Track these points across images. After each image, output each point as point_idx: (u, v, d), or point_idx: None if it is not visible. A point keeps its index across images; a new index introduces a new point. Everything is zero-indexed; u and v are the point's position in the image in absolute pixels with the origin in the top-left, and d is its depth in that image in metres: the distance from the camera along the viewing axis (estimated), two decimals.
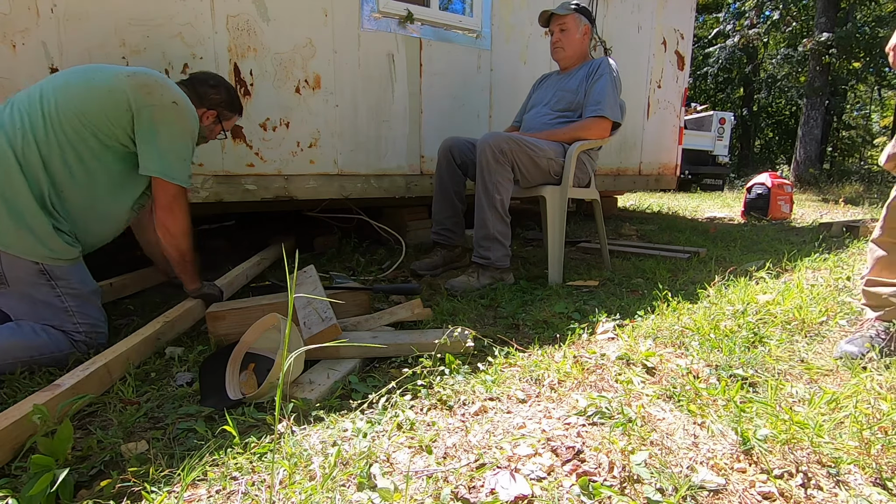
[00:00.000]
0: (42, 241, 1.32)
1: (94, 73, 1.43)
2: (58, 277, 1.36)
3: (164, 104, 1.42)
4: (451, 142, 2.34)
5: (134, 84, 1.40)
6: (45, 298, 1.35)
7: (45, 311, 1.36)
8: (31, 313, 1.36)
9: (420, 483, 0.83)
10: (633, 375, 1.20)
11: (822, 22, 10.42)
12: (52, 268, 1.34)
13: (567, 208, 2.23)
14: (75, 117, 1.35)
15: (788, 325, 1.57)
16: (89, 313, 1.42)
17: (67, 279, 1.38)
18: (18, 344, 1.30)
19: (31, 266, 1.32)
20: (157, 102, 1.41)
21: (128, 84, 1.39)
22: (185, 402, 1.17)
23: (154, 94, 1.41)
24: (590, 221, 4.04)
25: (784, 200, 4.82)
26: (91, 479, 0.89)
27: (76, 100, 1.37)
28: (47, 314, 1.36)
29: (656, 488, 0.81)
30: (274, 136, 2.29)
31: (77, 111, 1.35)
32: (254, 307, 1.52)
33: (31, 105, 1.35)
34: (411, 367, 1.25)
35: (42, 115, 1.34)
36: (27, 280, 1.32)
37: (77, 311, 1.39)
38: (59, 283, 1.36)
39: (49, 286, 1.35)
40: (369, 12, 2.46)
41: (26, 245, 1.30)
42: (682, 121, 4.20)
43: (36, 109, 1.35)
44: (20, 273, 1.31)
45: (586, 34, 2.40)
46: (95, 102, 1.37)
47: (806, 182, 10.30)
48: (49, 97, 1.36)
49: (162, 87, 1.44)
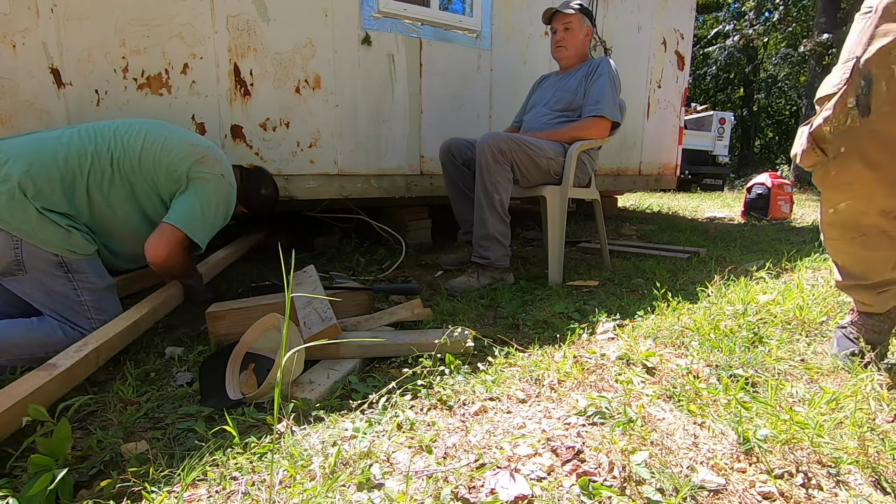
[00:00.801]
0: (63, 236, 1.36)
1: (169, 133, 1.55)
2: (75, 270, 1.38)
3: (213, 173, 1.54)
4: (450, 143, 2.34)
5: (196, 154, 1.52)
6: (61, 290, 1.37)
7: (60, 302, 1.38)
8: (46, 301, 1.38)
9: (420, 483, 0.83)
10: (633, 375, 1.20)
11: (821, 22, 10.42)
12: (70, 260, 1.37)
13: (567, 208, 2.23)
14: (138, 162, 1.47)
15: (789, 325, 1.57)
16: (104, 308, 1.44)
17: (85, 272, 1.41)
18: (35, 340, 1.33)
19: (51, 257, 1.35)
20: (206, 171, 1.53)
21: (190, 153, 1.51)
22: (185, 402, 1.17)
23: (207, 164, 1.53)
24: (590, 221, 4.04)
25: (784, 200, 4.82)
26: (91, 479, 0.89)
27: (143, 150, 1.48)
28: (62, 306, 1.38)
29: (656, 488, 0.81)
30: (274, 136, 2.29)
31: (140, 159, 1.47)
32: (254, 307, 1.52)
33: (100, 135, 1.47)
34: (411, 367, 1.25)
35: (109, 149, 1.45)
36: (45, 270, 1.35)
37: (92, 305, 1.41)
38: (76, 277, 1.39)
39: (66, 278, 1.37)
40: (369, 12, 2.46)
41: (47, 237, 1.34)
42: (682, 121, 4.20)
43: (103, 143, 1.45)
44: (39, 263, 1.34)
45: (588, 35, 2.41)
46: (162, 156, 1.49)
47: (806, 182, 10.30)
48: (121, 137, 1.48)
49: (218, 161, 1.56)
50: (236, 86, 2.16)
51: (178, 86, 2.03)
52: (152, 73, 1.98)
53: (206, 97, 2.10)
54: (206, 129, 2.12)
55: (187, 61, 2.03)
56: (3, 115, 1.74)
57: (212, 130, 2.13)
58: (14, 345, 1.31)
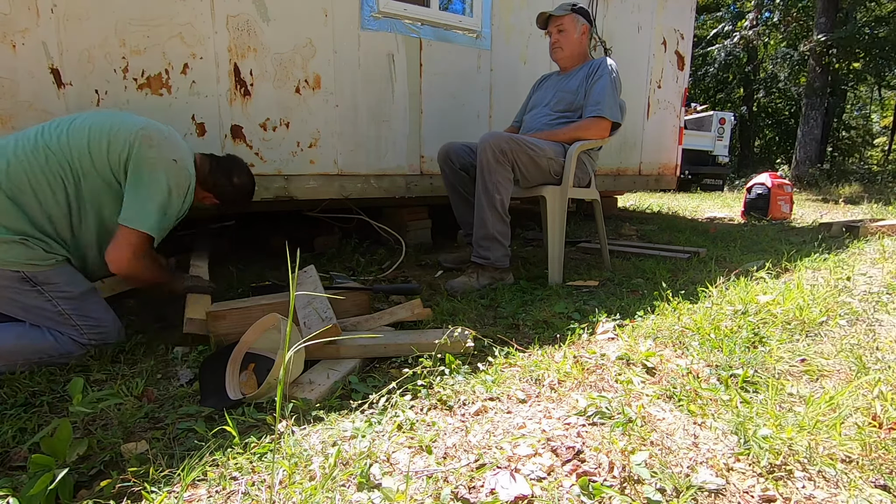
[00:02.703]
0: (18, 252, 1.30)
1: (119, 118, 1.47)
2: (42, 283, 1.33)
3: (161, 157, 1.43)
4: (447, 147, 2.35)
5: (142, 134, 1.42)
6: (36, 304, 1.34)
7: (39, 314, 1.35)
8: (26, 316, 1.36)
9: (420, 483, 0.83)
10: (633, 375, 1.20)
11: (821, 22, 10.42)
12: (33, 274, 1.32)
13: (567, 208, 2.23)
14: (77, 151, 1.37)
15: (789, 325, 1.57)
16: (88, 314, 1.40)
17: (54, 283, 1.35)
18: (27, 346, 1.32)
19: (12, 274, 1.30)
20: (154, 155, 1.42)
21: (136, 133, 1.42)
22: (185, 402, 1.17)
23: (154, 146, 1.43)
24: (590, 221, 4.04)
25: (784, 200, 4.82)
26: (91, 479, 0.89)
27: (86, 137, 1.39)
28: (42, 318, 1.36)
29: (656, 488, 0.81)
30: (274, 136, 2.29)
31: (83, 146, 1.38)
32: (254, 307, 1.52)
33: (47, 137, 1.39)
34: (411, 367, 1.25)
35: (49, 150, 1.36)
36: (12, 287, 1.31)
37: (73, 313, 1.37)
38: (46, 288, 1.34)
39: (36, 292, 1.33)
40: (369, 12, 2.46)
41: (3, 255, 1.28)
42: (682, 121, 4.19)
43: (46, 147, 1.37)
44: (3, 282, 1.30)
45: (584, 34, 2.40)
46: (104, 142, 1.40)
47: (806, 182, 10.30)
48: (65, 131, 1.39)
49: (168, 142, 1.46)
50: (236, 86, 2.16)
51: (178, 86, 2.03)
52: (152, 73, 1.98)
53: (206, 97, 2.10)
54: (206, 129, 2.12)
55: (187, 61, 2.03)
56: (3, 116, 1.74)
57: (212, 130, 2.13)
58: (7, 351, 1.30)
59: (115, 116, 1.48)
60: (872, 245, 2.91)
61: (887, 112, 20.73)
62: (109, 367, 1.36)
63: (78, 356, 1.38)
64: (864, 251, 2.77)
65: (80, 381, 1.09)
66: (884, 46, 10.80)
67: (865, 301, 1.82)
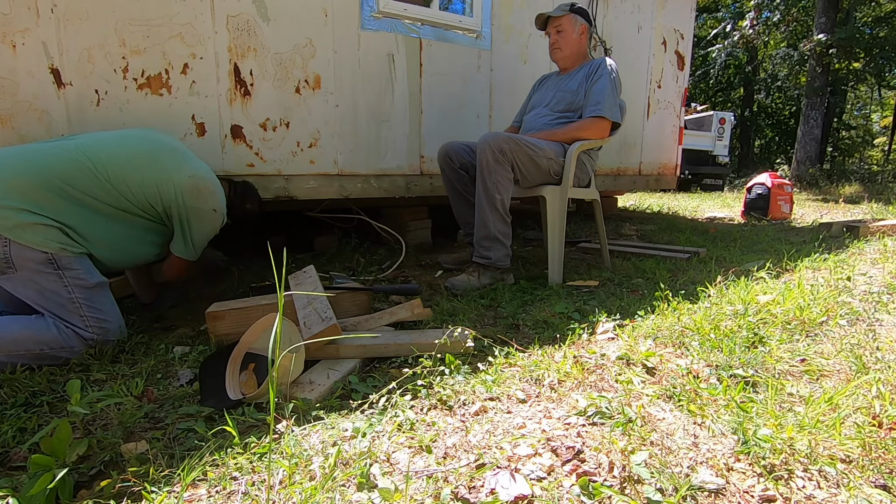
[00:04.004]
0: (51, 235, 1.36)
1: (159, 152, 1.58)
2: (65, 267, 1.38)
3: (206, 209, 1.61)
4: (447, 147, 2.35)
5: (190, 186, 1.55)
6: (52, 287, 1.37)
7: (52, 299, 1.38)
8: (39, 299, 1.38)
9: (420, 483, 0.83)
10: (633, 375, 1.20)
11: (821, 22, 10.42)
12: (59, 257, 1.37)
13: (567, 208, 2.23)
14: (123, 185, 1.48)
15: (789, 325, 1.57)
16: (97, 305, 1.44)
17: (75, 269, 1.40)
18: (30, 336, 1.34)
19: (40, 255, 1.35)
20: (200, 206, 1.59)
21: (185, 185, 1.54)
22: (185, 402, 1.17)
23: (201, 198, 1.58)
24: (590, 221, 4.04)
25: (784, 200, 4.82)
26: (91, 479, 0.89)
27: (133, 173, 1.50)
28: (54, 304, 1.38)
29: (656, 488, 0.81)
30: (274, 136, 2.29)
31: (130, 182, 1.49)
32: (254, 307, 1.52)
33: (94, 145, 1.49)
34: (411, 367, 1.25)
35: (95, 169, 1.45)
36: (35, 268, 1.35)
37: (84, 302, 1.41)
38: (67, 273, 1.39)
39: (56, 275, 1.37)
40: (369, 12, 2.46)
41: (37, 238, 1.34)
42: (682, 121, 4.20)
43: (91, 163, 1.46)
44: (28, 261, 1.34)
45: (583, 34, 2.40)
46: (150, 186, 1.51)
47: (806, 182, 10.30)
48: (107, 159, 1.48)
49: (212, 195, 1.61)
50: (236, 86, 2.16)
51: (178, 86, 2.03)
52: (152, 73, 1.98)
53: (206, 97, 2.10)
54: (206, 129, 2.12)
55: (187, 61, 2.03)
56: (3, 115, 1.74)
57: (212, 130, 2.13)
58: (10, 340, 1.32)
59: (161, 152, 1.58)
60: (872, 245, 2.91)
61: (887, 112, 20.73)
62: (109, 366, 1.36)
63: (78, 352, 1.39)
64: (865, 251, 2.77)
65: (78, 382, 1.10)
66: (884, 46, 10.80)
67: (865, 301, 1.82)
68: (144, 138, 1.60)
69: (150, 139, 1.60)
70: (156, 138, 1.61)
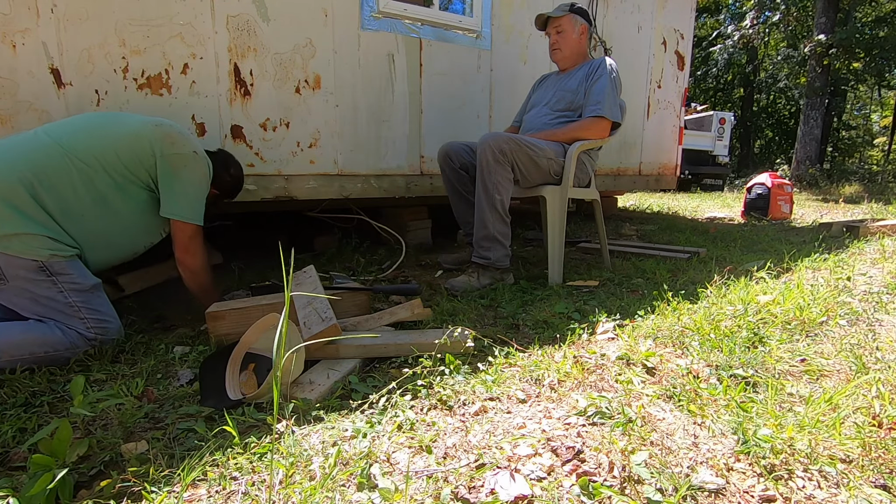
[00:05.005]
0: (40, 242, 1.34)
1: (120, 118, 1.55)
2: (58, 273, 1.37)
3: (185, 153, 1.55)
4: (447, 147, 2.35)
5: (160, 134, 1.52)
6: (48, 294, 1.36)
7: (48, 306, 1.37)
8: (34, 308, 1.37)
9: (420, 483, 0.83)
10: (633, 375, 1.20)
11: (822, 22, 10.42)
12: (50, 263, 1.35)
13: (567, 208, 2.23)
14: (94, 156, 1.44)
15: (789, 325, 1.57)
16: (95, 307, 1.43)
17: (68, 274, 1.39)
18: (34, 339, 1.33)
19: (30, 263, 1.33)
20: (178, 151, 1.54)
21: (154, 133, 1.52)
22: (186, 402, 1.17)
23: (176, 143, 1.54)
24: (590, 221, 4.04)
25: (784, 200, 4.82)
26: (91, 479, 0.89)
27: (100, 140, 1.47)
28: (52, 310, 1.37)
29: (656, 488, 0.80)
30: (274, 136, 2.29)
31: (100, 150, 1.45)
32: (254, 307, 1.52)
33: (57, 137, 1.44)
34: (411, 367, 1.25)
35: (62, 148, 1.42)
36: (27, 277, 1.34)
37: (82, 305, 1.40)
38: (60, 279, 1.37)
39: (50, 282, 1.36)
40: (369, 12, 2.46)
41: (25, 247, 1.32)
42: (682, 121, 4.19)
43: (58, 144, 1.42)
44: (19, 270, 1.33)
45: (583, 34, 2.40)
46: (121, 144, 1.48)
47: (806, 182, 10.30)
48: (71, 135, 1.45)
49: (184, 138, 1.57)
50: (236, 86, 2.16)
51: (178, 86, 2.03)
52: (152, 74, 1.98)
53: (206, 97, 2.10)
54: (206, 129, 2.12)
55: (187, 61, 2.03)
56: (3, 115, 1.74)
57: (212, 130, 2.13)
58: (13, 345, 1.31)
59: (121, 117, 1.56)
60: (872, 245, 2.91)
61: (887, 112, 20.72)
62: (109, 367, 1.36)
63: (82, 351, 1.39)
64: (865, 251, 2.77)
65: (81, 379, 1.09)
66: (884, 46, 10.80)
67: (865, 301, 1.82)
68: (99, 114, 1.58)
69: (104, 114, 1.58)
70: (109, 113, 1.60)
